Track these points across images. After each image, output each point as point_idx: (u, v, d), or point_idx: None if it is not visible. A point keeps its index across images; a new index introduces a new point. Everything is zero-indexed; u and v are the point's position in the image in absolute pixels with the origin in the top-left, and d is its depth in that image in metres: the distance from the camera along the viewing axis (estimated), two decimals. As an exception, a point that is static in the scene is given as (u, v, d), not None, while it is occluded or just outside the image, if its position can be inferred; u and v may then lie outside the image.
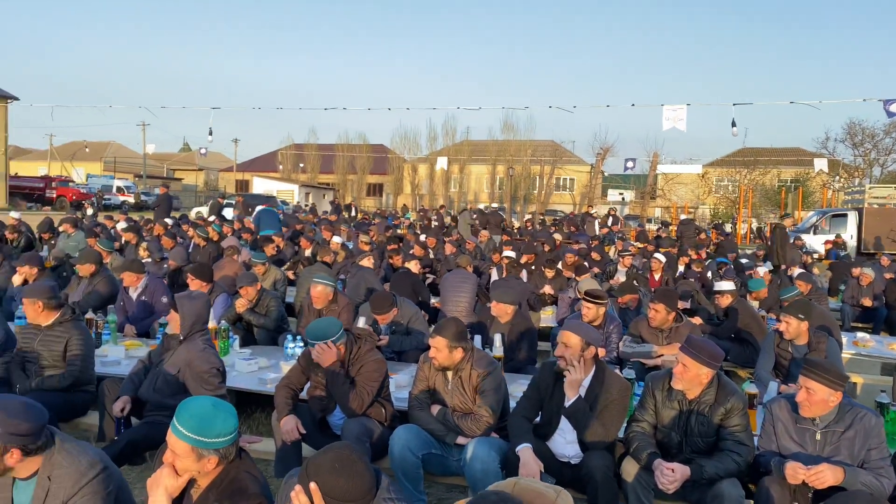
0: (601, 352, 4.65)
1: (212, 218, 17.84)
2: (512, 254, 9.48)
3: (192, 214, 25.94)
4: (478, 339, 5.50)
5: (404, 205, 43.60)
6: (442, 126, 66.33)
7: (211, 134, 18.17)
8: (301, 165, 56.08)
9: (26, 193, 37.78)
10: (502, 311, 5.58)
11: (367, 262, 8.41)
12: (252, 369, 5.34)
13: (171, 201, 19.39)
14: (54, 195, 39.20)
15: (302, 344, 5.83)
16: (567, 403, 3.76)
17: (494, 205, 32.27)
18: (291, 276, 9.82)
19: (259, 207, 16.55)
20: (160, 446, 2.63)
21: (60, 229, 11.93)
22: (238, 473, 2.42)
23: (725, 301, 7.00)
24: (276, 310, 6.51)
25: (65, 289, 7.28)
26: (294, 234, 14.89)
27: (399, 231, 17.42)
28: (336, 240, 11.86)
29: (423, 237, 13.58)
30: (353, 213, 26.71)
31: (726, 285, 7.10)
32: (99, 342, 5.86)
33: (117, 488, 2.64)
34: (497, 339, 5.32)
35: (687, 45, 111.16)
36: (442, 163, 20.57)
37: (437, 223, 21.72)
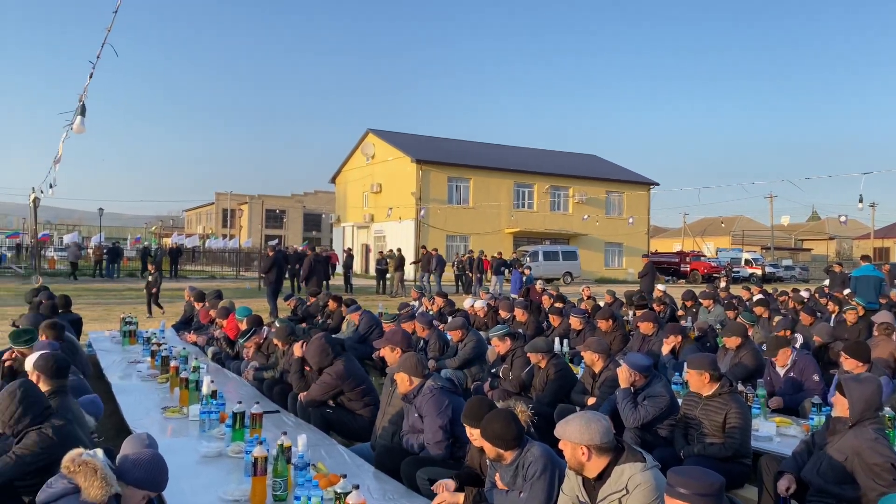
0: None
1: (847, 291, 16.35)
2: None
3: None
4: None
5: None
6: None
7: (861, 201, 16.79)
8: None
9: (663, 268, 42.02)
10: None
11: None
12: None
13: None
14: (688, 269, 42.75)
15: None
16: None
17: None
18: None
19: (854, 274, 14.27)
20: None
21: (702, 303, 12.74)
22: None
23: None
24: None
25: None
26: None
27: None
28: None
29: None
30: None
31: None
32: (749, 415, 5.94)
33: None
34: None
35: None
36: None
37: None
